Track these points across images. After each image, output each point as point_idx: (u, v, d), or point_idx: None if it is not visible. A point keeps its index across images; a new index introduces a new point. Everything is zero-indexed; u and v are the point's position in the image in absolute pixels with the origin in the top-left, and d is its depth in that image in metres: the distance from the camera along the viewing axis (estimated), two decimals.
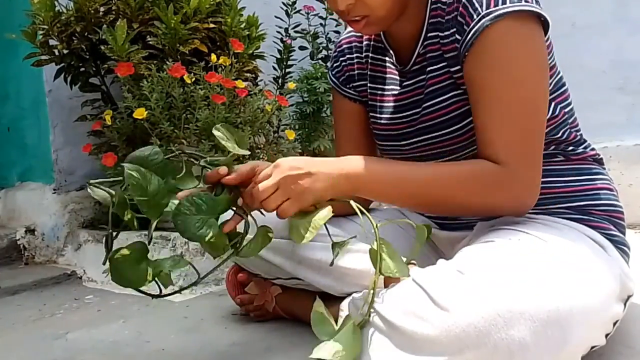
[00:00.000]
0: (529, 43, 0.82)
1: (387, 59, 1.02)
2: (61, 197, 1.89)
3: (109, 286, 1.59)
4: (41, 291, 1.59)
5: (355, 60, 1.07)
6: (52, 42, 1.68)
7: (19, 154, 2.10)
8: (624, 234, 0.91)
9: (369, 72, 1.05)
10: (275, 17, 2.29)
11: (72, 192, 1.92)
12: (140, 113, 1.50)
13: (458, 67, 0.87)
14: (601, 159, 0.97)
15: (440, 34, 0.89)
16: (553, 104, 0.91)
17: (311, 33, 2.38)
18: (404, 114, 0.98)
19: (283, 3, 2.32)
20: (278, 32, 2.30)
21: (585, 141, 0.96)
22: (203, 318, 1.22)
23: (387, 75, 1.02)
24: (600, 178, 0.93)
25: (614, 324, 0.79)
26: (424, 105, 0.93)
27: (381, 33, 1.01)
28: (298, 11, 2.34)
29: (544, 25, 0.84)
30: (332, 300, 0.98)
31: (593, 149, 0.96)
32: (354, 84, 1.07)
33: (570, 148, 0.93)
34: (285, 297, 1.11)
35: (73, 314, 1.35)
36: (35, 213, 1.96)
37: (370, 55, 1.05)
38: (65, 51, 1.68)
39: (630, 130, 2.08)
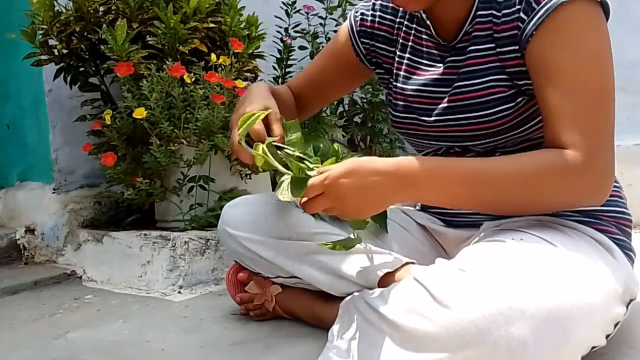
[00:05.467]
0: (601, 27, 0.79)
1: (423, 29, 0.98)
2: (61, 196, 1.89)
3: (108, 286, 1.59)
4: (41, 291, 1.59)
5: (387, 22, 1.03)
6: (51, 42, 1.68)
7: (19, 154, 2.09)
8: (630, 240, 0.91)
9: (400, 40, 1.02)
10: (275, 16, 2.29)
11: (72, 191, 1.91)
12: (140, 113, 1.50)
13: (511, 48, 0.83)
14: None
15: (496, 12, 0.85)
16: None
17: (311, 33, 2.38)
18: (435, 89, 0.94)
19: (283, 3, 2.32)
20: (278, 31, 2.31)
21: None
22: (203, 318, 1.22)
23: (419, 47, 0.99)
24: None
25: (615, 325, 0.79)
26: (456, 85, 0.90)
27: None
28: (298, 11, 2.35)
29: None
30: (332, 300, 0.98)
31: None
32: (372, 42, 1.05)
33: None
34: (285, 296, 1.11)
35: (73, 313, 1.35)
36: (35, 213, 1.96)
37: (406, 23, 1.01)
38: (64, 51, 1.68)
39: (630, 130, 2.08)
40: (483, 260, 0.74)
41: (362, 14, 1.06)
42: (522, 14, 0.81)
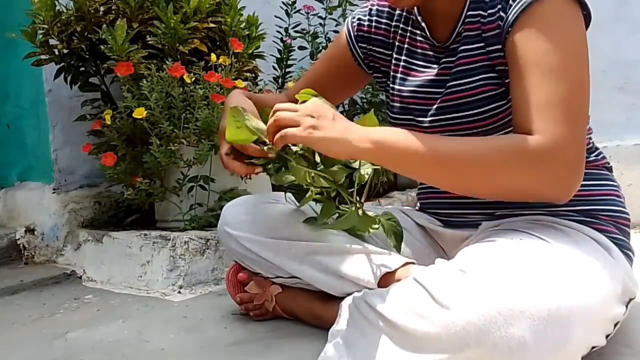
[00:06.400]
0: (576, 21, 0.80)
1: (418, 32, 1.00)
2: (61, 196, 1.89)
3: (108, 286, 1.59)
4: (41, 291, 1.59)
5: (383, 26, 1.06)
6: (52, 41, 1.68)
7: (19, 154, 2.10)
8: (628, 240, 0.91)
9: (396, 43, 1.04)
10: (275, 16, 2.29)
11: (71, 191, 1.91)
12: (140, 113, 1.50)
13: (497, 47, 0.85)
14: (611, 167, 0.97)
15: (483, 12, 0.87)
16: None
17: (311, 33, 2.38)
18: (430, 89, 0.96)
19: (283, 3, 2.32)
20: (278, 31, 2.31)
21: (597, 149, 0.96)
22: (203, 318, 1.22)
23: (414, 49, 1.01)
24: (609, 184, 0.93)
25: (615, 325, 0.79)
26: (449, 85, 0.92)
27: (415, 7, 1.00)
28: (298, 11, 2.35)
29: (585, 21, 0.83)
30: (332, 300, 0.98)
31: (604, 157, 0.96)
32: (370, 46, 1.07)
33: None
34: (285, 296, 1.11)
35: (73, 313, 1.35)
36: (34, 213, 1.96)
37: (401, 26, 1.03)
38: (65, 51, 1.68)
39: (630, 130, 2.08)
40: (482, 261, 0.74)
41: (359, 19, 1.08)
42: (501, 12, 0.83)
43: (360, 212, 0.91)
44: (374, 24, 1.06)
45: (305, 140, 0.80)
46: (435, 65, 0.96)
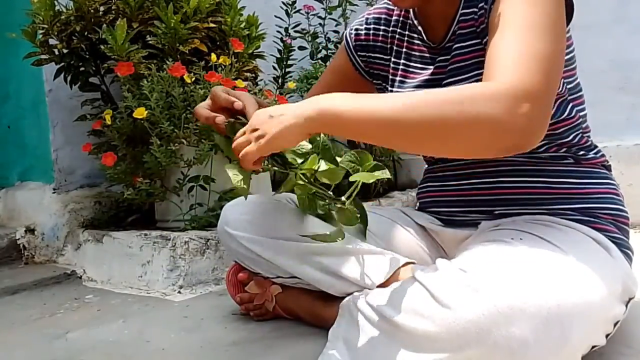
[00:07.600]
0: (557, 5, 0.79)
1: (415, 35, 1.03)
2: (61, 196, 1.89)
3: (109, 286, 1.59)
4: (41, 291, 1.59)
5: (381, 33, 1.08)
6: (52, 41, 1.68)
7: (19, 154, 2.10)
8: (627, 238, 0.91)
9: (394, 47, 1.06)
10: (275, 16, 2.29)
11: (72, 191, 1.92)
12: (140, 113, 1.50)
13: (487, 38, 0.85)
14: (609, 165, 0.97)
15: (475, 9, 0.89)
16: (570, 105, 0.92)
17: (311, 33, 2.38)
18: (426, 89, 0.97)
19: (283, 3, 2.32)
20: (278, 31, 2.31)
21: (595, 147, 0.96)
22: (203, 318, 1.22)
23: (412, 52, 1.03)
24: (608, 183, 0.94)
25: (615, 324, 0.79)
26: (444, 83, 0.93)
27: (411, 10, 1.02)
28: (298, 11, 2.35)
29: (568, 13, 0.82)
30: (333, 300, 0.98)
31: (603, 155, 0.96)
32: (369, 54, 1.10)
33: (581, 152, 0.93)
34: (286, 296, 1.11)
35: (73, 313, 1.35)
36: (35, 213, 1.96)
37: (398, 31, 1.06)
38: (65, 50, 1.68)
39: (630, 130, 2.08)
40: (483, 260, 0.74)
41: (356, 29, 1.11)
42: None
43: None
44: (371, 31, 1.09)
45: (259, 152, 0.82)
46: (430, 67, 0.98)
